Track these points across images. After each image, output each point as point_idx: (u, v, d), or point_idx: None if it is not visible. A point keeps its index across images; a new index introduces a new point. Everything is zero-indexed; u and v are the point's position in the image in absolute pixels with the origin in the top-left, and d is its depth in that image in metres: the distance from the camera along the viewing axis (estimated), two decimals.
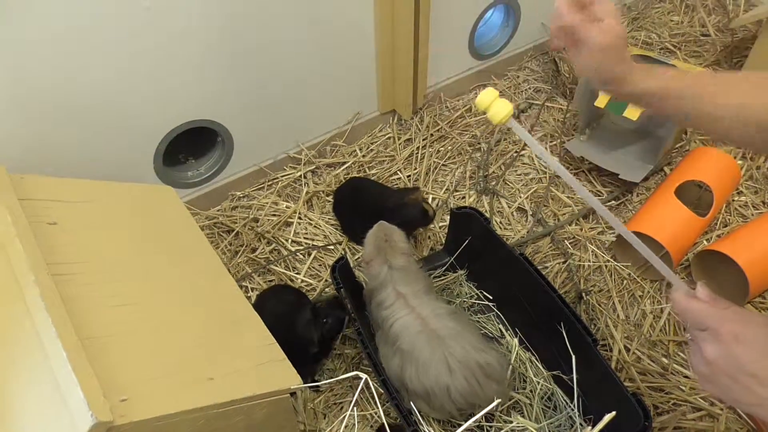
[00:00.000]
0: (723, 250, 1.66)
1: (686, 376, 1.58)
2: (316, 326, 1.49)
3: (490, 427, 1.43)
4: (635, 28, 2.67)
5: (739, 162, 2.06)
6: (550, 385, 1.52)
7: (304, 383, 1.56)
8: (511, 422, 1.10)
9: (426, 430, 1.38)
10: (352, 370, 1.61)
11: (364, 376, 0.88)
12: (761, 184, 2.03)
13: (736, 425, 1.50)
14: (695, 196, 1.92)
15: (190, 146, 1.90)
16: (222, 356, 1.15)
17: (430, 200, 2.00)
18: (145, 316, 1.15)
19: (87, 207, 1.33)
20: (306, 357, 1.49)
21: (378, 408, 0.90)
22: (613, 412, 0.83)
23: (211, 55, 1.65)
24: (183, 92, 1.67)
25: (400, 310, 1.42)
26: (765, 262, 1.66)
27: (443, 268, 1.78)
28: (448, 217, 1.77)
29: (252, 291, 1.76)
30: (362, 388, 1.55)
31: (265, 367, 1.18)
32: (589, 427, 1.04)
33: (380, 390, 1.52)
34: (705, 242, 1.86)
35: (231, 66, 1.72)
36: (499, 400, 1.15)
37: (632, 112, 1.82)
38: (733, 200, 1.98)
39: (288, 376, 1.18)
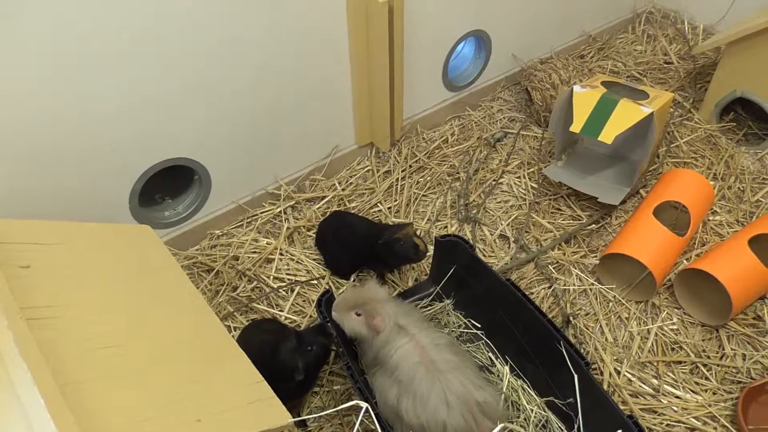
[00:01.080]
0: (705, 269, 1.68)
1: (677, 397, 1.58)
2: (301, 354, 1.44)
3: None
4: (601, 57, 2.75)
5: (711, 182, 2.11)
6: (544, 412, 1.50)
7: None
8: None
9: None
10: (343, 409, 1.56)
11: (364, 404, 0.85)
12: (734, 204, 2.07)
13: None
14: (672, 217, 1.95)
15: (167, 185, 1.87)
16: (209, 397, 1.10)
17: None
18: (128, 358, 1.10)
19: (62, 249, 1.29)
20: (291, 389, 1.43)
21: None
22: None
23: (186, 93, 1.64)
24: (159, 131, 1.65)
25: (400, 339, 1.40)
26: (746, 278, 1.68)
27: (429, 298, 1.76)
28: (432, 247, 1.76)
29: (235, 330, 1.72)
30: (361, 420, 1.50)
31: (254, 406, 1.13)
32: None
33: (371, 426, 1.48)
34: (685, 262, 1.88)
35: (207, 104, 1.71)
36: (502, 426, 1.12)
37: (607, 136, 1.85)
38: (709, 220, 2.01)
39: (278, 414, 1.14)
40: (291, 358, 1.43)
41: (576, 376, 1.39)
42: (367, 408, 0.84)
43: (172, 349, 1.18)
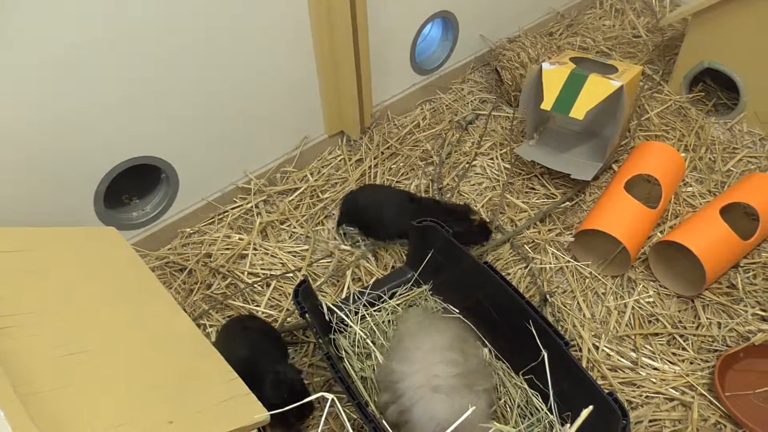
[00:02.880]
0: (678, 240, 1.69)
1: (656, 368, 1.59)
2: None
3: None
4: (570, 34, 2.74)
5: (683, 154, 2.12)
6: (522, 387, 1.50)
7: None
8: (489, 428, 1.06)
9: None
10: (323, 400, 1.55)
11: (330, 396, 0.83)
12: (705, 174, 2.08)
13: (708, 411, 1.50)
14: (645, 191, 1.96)
15: (133, 186, 1.83)
16: (181, 398, 1.08)
17: None
18: (96, 364, 1.08)
19: (25, 256, 1.26)
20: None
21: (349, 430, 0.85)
22: (591, 407, 0.81)
23: (147, 90, 1.61)
24: (121, 130, 1.61)
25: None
26: (718, 248, 1.70)
27: (408, 285, 1.75)
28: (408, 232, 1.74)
29: (210, 328, 1.69)
30: (333, 413, 1.49)
31: (228, 404, 1.11)
32: (568, 425, 1.01)
33: (353, 415, 1.47)
34: (659, 234, 1.89)
35: (169, 99, 1.67)
36: (473, 408, 1.12)
37: (578, 112, 1.85)
38: (681, 191, 2.02)
39: (253, 411, 1.12)
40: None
41: (545, 353, 1.40)
42: (333, 399, 0.83)
43: (141, 352, 1.16)
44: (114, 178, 1.68)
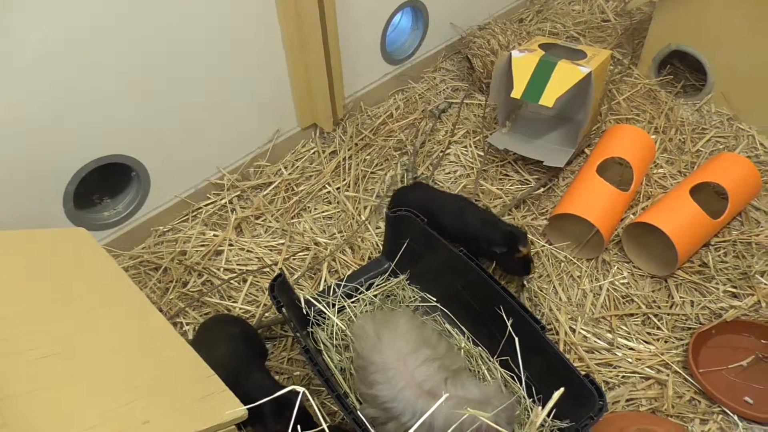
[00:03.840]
0: (650, 221, 1.71)
1: (631, 348, 1.61)
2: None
3: None
4: (540, 20, 2.75)
5: (652, 137, 2.14)
6: (499, 372, 1.51)
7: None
8: (463, 414, 1.06)
9: None
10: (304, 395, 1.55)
11: (301, 389, 0.83)
12: (675, 155, 2.11)
13: (683, 388, 1.53)
14: (617, 174, 1.98)
15: (104, 185, 1.81)
16: (157, 397, 1.07)
17: (362, 207, 1.97)
18: (70, 366, 1.06)
19: None
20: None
21: (323, 424, 0.85)
22: (562, 389, 0.82)
23: (116, 89, 1.58)
24: (89, 129, 1.59)
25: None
26: (689, 228, 1.72)
27: (385, 275, 1.75)
28: (383, 223, 1.74)
29: (187, 326, 1.68)
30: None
31: (205, 401, 1.10)
32: (539, 407, 1.02)
33: (333, 407, 1.48)
34: (632, 216, 1.92)
35: (138, 98, 1.64)
36: (447, 395, 1.12)
37: (548, 99, 1.86)
38: (653, 173, 2.04)
39: (230, 407, 1.11)
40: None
41: (517, 339, 1.42)
42: (303, 392, 0.83)
43: (114, 352, 1.14)
44: (84, 178, 1.65)
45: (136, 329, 1.24)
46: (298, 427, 0.97)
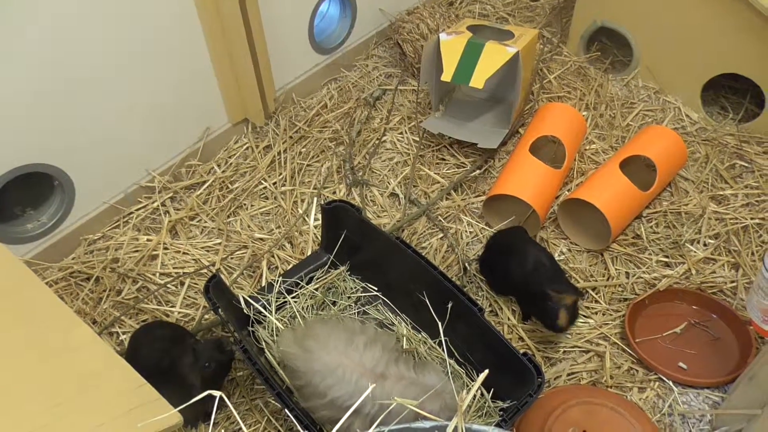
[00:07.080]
0: (582, 197, 1.74)
1: None
2: (199, 370, 1.38)
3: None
4: (470, 2, 2.75)
5: (584, 113, 2.18)
6: (438, 356, 1.51)
7: (195, 423, 1.47)
8: (391, 403, 1.05)
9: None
10: (249, 394, 1.52)
11: (218, 393, 0.81)
12: (606, 130, 2.15)
13: (621, 359, 1.57)
14: (551, 152, 2.00)
15: (25, 196, 1.72)
16: (82, 413, 1.03)
17: (300, 201, 1.94)
18: None
19: None
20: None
21: (241, 424, 0.83)
22: (486, 371, 0.82)
23: (30, 93, 1.51)
24: (4, 137, 1.51)
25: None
26: (621, 201, 1.76)
27: (325, 267, 1.72)
28: (320, 215, 1.72)
29: (124, 335, 1.63)
30: (257, 407, 1.47)
31: (137, 412, 1.07)
32: (464, 392, 1.02)
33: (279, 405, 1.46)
34: (567, 193, 1.94)
35: (57, 104, 1.58)
36: (373, 385, 1.12)
37: (478, 80, 1.86)
38: (585, 149, 2.08)
39: (164, 415, 1.08)
40: (188, 376, 1.38)
41: (440, 323, 1.43)
42: (221, 397, 0.81)
43: (36, 372, 1.09)
44: (1, 190, 1.57)
45: (60, 344, 1.18)
46: None
